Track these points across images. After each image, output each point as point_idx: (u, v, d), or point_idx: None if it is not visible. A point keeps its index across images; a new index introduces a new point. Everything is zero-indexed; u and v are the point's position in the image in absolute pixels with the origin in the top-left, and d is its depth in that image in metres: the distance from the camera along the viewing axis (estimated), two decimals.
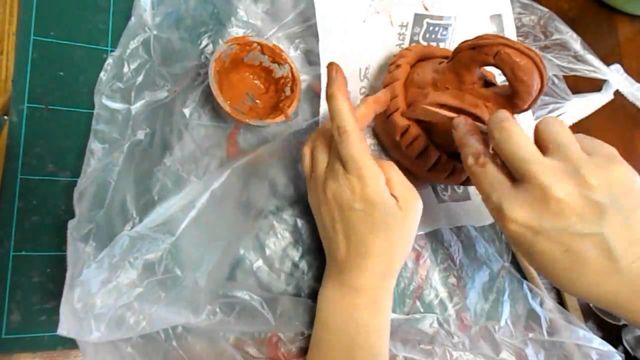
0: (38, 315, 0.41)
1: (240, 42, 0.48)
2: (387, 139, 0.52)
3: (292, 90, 0.50)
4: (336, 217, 0.42)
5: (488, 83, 0.46)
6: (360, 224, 0.41)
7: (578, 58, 0.66)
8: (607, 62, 0.69)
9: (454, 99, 0.44)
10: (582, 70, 0.66)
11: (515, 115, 0.50)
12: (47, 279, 0.41)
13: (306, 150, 0.45)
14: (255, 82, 0.52)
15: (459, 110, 0.44)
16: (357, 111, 0.43)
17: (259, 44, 0.49)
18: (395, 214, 0.41)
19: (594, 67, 0.66)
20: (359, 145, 0.39)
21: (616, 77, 0.70)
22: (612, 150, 0.39)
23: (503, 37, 0.41)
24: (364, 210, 0.40)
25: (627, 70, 0.71)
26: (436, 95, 0.45)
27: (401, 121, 0.47)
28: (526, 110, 0.43)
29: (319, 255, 0.50)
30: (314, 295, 0.48)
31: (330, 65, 0.42)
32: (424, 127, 0.47)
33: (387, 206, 0.40)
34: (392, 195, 0.41)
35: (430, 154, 0.47)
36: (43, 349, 0.41)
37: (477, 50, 0.42)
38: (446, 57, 0.48)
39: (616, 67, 0.70)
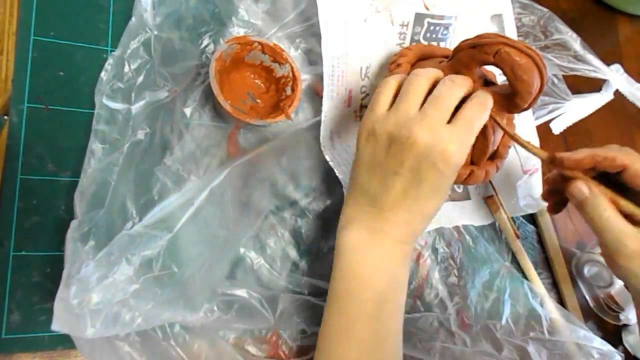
0: (38, 315, 0.41)
1: (241, 41, 0.48)
2: None
3: (292, 90, 0.50)
4: (406, 166, 0.38)
5: (488, 82, 0.46)
6: (429, 183, 0.38)
7: (578, 58, 0.66)
8: (607, 62, 0.69)
9: None
10: (582, 70, 0.66)
11: (515, 115, 0.50)
12: (47, 279, 0.41)
13: (392, 81, 0.42)
14: (256, 81, 0.52)
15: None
16: None
17: (259, 43, 0.49)
18: (451, 182, 0.40)
19: (594, 66, 0.66)
20: (481, 123, 0.40)
21: (616, 77, 0.70)
22: None
23: (503, 36, 0.41)
24: (442, 171, 0.38)
25: (627, 70, 0.71)
26: None
27: None
28: (526, 109, 0.43)
29: (319, 254, 0.50)
30: (315, 293, 0.48)
31: None
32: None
33: (455, 173, 0.39)
34: None
35: None
36: (43, 349, 0.40)
37: (478, 49, 0.42)
38: (446, 57, 0.48)
39: (616, 67, 0.71)
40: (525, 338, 0.54)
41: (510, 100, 0.43)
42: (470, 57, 0.43)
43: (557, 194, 0.50)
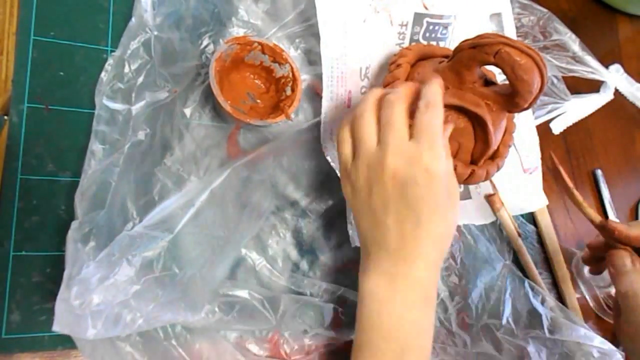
0: (38, 315, 0.41)
1: (241, 41, 0.48)
2: None
3: (292, 90, 0.50)
4: (391, 196, 0.38)
5: (488, 82, 0.46)
6: (420, 202, 0.37)
7: (576, 59, 0.66)
8: (607, 62, 0.69)
9: (455, 97, 0.44)
10: (581, 71, 0.66)
11: (515, 115, 0.50)
12: (47, 279, 0.41)
13: (344, 132, 0.42)
14: (256, 81, 0.52)
15: (460, 109, 0.44)
16: None
17: (259, 43, 0.49)
18: (453, 194, 0.39)
19: (592, 68, 0.66)
20: (441, 120, 0.38)
21: (616, 77, 0.70)
22: None
23: (503, 36, 0.41)
24: (426, 186, 0.37)
25: (627, 70, 0.71)
26: None
27: None
28: (526, 109, 0.43)
29: (320, 254, 0.50)
30: (316, 294, 0.48)
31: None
32: None
33: (450, 184, 0.38)
34: None
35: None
36: (43, 349, 0.40)
37: (478, 49, 0.42)
38: (446, 56, 0.48)
39: (616, 67, 0.71)
40: (526, 337, 0.54)
41: (510, 99, 0.43)
42: (471, 57, 0.43)
43: (597, 258, 0.50)
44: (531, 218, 0.63)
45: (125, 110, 0.44)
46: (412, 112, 0.40)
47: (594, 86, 0.69)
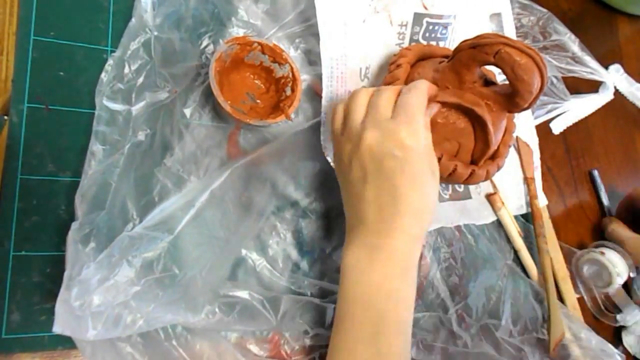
0: (38, 315, 0.41)
1: (241, 42, 0.48)
2: None
3: (292, 90, 0.50)
4: (369, 169, 0.39)
5: (488, 82, 0.46)
6: (397, 175, 0.38)
7: (576, 60, 0.66)
8: (607, 62, 0.69)
9: (455, 97, 0.44)
10: (580, 72, 0.66)
11: (515, 115, 0.50)
12: (47, 279, 0.41)
13: (339, 107, 0.44)
14: (256, 82, 0.52)
15: (460, 108, 0.44)
16: None
17: (259, 43, 0.49)
18: (432, 171, 0.40)
19: (592, 68, 0.66)
20: (422, 100, 0.40)
21: (616, 77, 0.70)
22: None
23: (503, 36, 0.41)
24: (403, 158, 0.38)
25: (627, 70, 0.71)
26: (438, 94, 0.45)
27: None
28: (526, 109, 0.44)
29: (321, 254, 0.50)
30: (316, 294, 0.48)
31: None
32: None
33: (428, 160, 0.40)
34: None
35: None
36: (43, 349, 0.40)
37: (478, 49, 0.42)
38: (446, 57, 0.48)
39: (616, 67, 0.71)
40: (524, 338, 0.54)
41: (510, 99, 0.43)
42: (471, 57, 0.43)
43: None
44: (531, 218, 0.63)
45: (125, 110, 0.44)
46: None
47: (593, 86, 0.69)
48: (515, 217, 0.61)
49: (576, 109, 0.68)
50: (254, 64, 0.51)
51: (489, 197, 0.59)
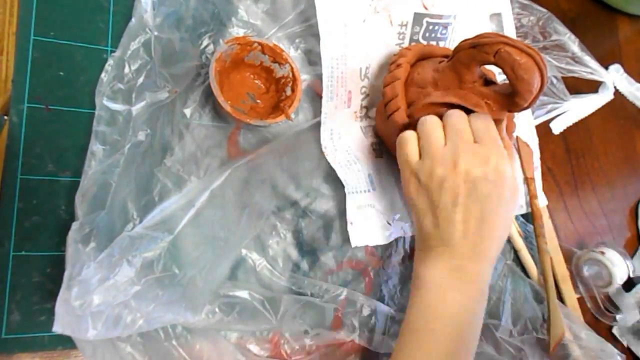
0: (38, 315, 0.41)
1: (241, 42, 0.48)
2: (388, 139, 0.52)
3: (292, 90, 0.50)
4: (461, 192, 0.40)
5: (488, 82, 0.46)
6: (488, 199, 0.40)
7: (576, 60, 0.66)
8: (607, 62, 0.69)
9: (456, 97, 0.44)
10: (580, 72, 0.66)
11: (515, 115, 0.50)
12: (47, 279, 0.41)
13: (408, 135, 0.45)
14: (256, 82, 0.52)
15: (460, 108, 0.44)
16: None
17: (259, 43, 0.49)
18: (514, 193, 0.42)
19: (591, 68, 0.66)
20: (494, 127, 0.43)
21: (616, 77, 0.70)
22: None
23: (503, 36, 0.41)
24: (495, 182, 0.40)
25: (627, 70, 0.71)
26: (438, 94, 0.45)
27: (402, 120, 0.47)
28: (526, 108, 0.44)
29: (321, 255, 0.50)
30: (316, 294, 0.48)
31: None
32: None
33: (513, 182, 0.41)
34: None
35: None
36: (43, 349, 0.40)
37: (478, 49, 0.42)
38: (446, 56, 0.48)
39: (615, 67, 0.71)
40: (524, 338, 0.54)
41: (510, 99, 0.43)
42: (471, 56, 0.43)
43: None
44: (531, 218, 0.63)
45: (125, 110, 0.44)
46: None
47: (593, 86, 0.69)
48: (515, 217, 0.61)
49: (576, 109, 0.68)
50: (254, 64, 0.51)
51: None
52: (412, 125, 0.47)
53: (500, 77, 0.52)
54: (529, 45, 0.41)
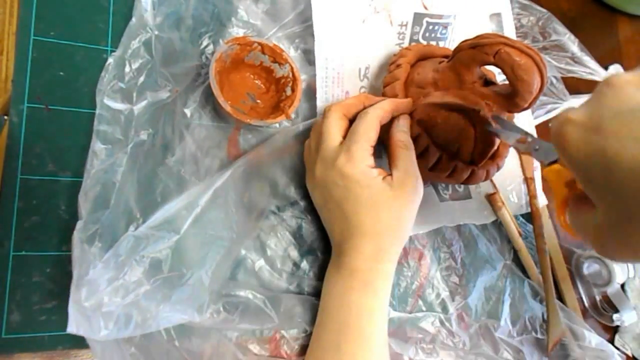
0: (38, 315, 0.40)
1: (241, 42, 0.48)
2: (385, 139, 0.51)
3: (292, 90, 0.50)
4: (326, 197, 0.43)
5: (488, 82, 0.46)
6: (345, 201, 0.42)
7: (575, 60, 0.66)
8: (607, 62, 0.69)
9: (456, 97, 0.44)
10: (579, 72, 0.66)
11: (515, 115, 0.50)
12: (47, 279, 0.41)
13: (306, 143, 0.48)
14: (256, 82, 0.52)
15: (460, 108, 0.44)
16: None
17: (259, 44, 0.49)
18: (381, 192, 0.41)
19: (591, 69, 0.66)
20: (369, 126, 0.42)
21: None
22: None
23: (503, 36, 0.42)
24: (345, 186, 0.41)
25: (627, 70, 0.71)
26: (437, 94, 0.45)
27: None
28: (526, 109, 0.44)
29: (320, 254, 0.50)
30: (316, 293, 0.48)
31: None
32: (424, 127, 0.47)
33: (369, 184, 0.41)
34: (388, 175, 0.42)
35: (431, 154, 0.47)
36: (43, 349, 0.40)
37: (478, 50, 0.42)
38: (446, 57, 0.48)
39: (615, 67, 0.71)
40: (524, 338, 0.54)
41: (510, 99, 0.43)
42: (470, 57, 0.43)
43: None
44: (531, 218, 0.63)
45: (127, 109, 0.44)
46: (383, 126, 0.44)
47: (593, 86, 0.69)
48: (515, 217, 0.61)
49: None
50: (254, 64, 0.51)
51: (489, 197, 0.59)
52: (412, 126, 0.47)
53: (500, 77, 0.52)
54: (528, 46, 0.41)
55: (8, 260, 0.41)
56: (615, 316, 0.62)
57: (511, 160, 0.61)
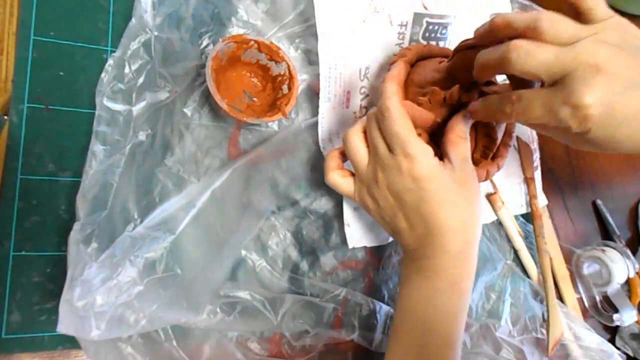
0: (38, 315, 0.41)
1: (237, 39, 0.48)
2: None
3: (289, 88, 0.50)
4: (395, 206, 0.41)
5: (488, 82, 0.46)
6: (422, 202, 0.40)
7: None
8: None
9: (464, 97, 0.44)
10: None
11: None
12: (47, 279, 0.41)
13: (354, 142, 0.44)
14: (253, 80, 0.52)
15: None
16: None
17: (255, 41, 0.49)
18: (452, 186, 0.40)
19: None
20: (401, 121, 0.40)
21: None
22: None
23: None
24: (420, 187, 0.39)
25: None
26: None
27: None
28: None
29: (320, 255, 0.50)
30: (316, 294, 0.48)
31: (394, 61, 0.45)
32: (424, 126, 0.47)
33: (442, 179, 0.40)
34: (445, 162, 0.41)
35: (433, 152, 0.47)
36: (43, 349, 0.40)
37: (475, 50, 0.42)
38: (446, 56, 0.48)
39: None
40: (524, 338, 0.54)
41: None
42: (470, 57, 0.43)
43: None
44: (530, 218, 0.63)
45: (126, 110, 0.44)
46: None
47: None
48: (515, 217, 0.61)
49: None
50: (251, 62, 0.51)
51: (489, 197, 0.59)
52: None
53: (500, 77, 0.52)
54: None
55: (8, 260, 0.41)
56: (615, 316, 0.62)
57: (511, 160, 0.61)
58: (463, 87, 0.45)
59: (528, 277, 0.59)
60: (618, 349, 0.61)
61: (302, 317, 0.46)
